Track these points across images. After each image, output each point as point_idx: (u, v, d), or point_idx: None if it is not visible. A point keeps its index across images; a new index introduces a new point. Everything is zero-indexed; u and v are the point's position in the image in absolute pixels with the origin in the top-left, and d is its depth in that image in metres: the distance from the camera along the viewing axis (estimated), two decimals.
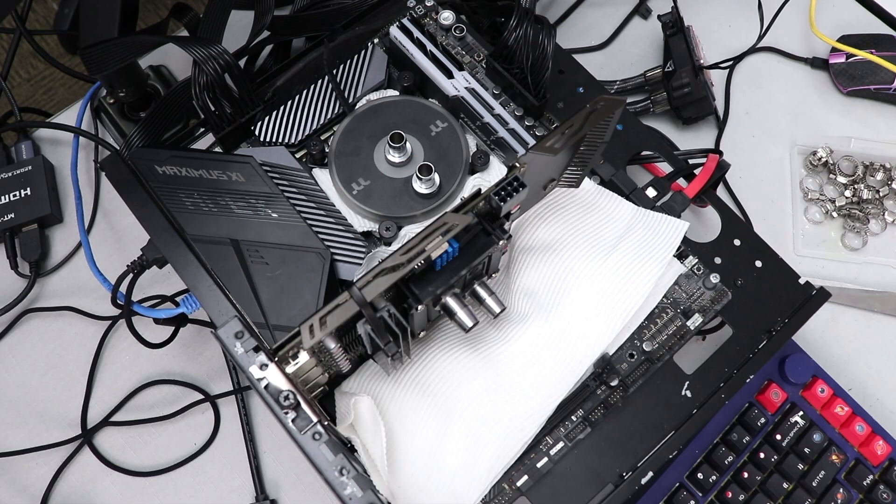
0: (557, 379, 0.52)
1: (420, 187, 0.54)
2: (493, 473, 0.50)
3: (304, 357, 0.44)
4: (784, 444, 0.60)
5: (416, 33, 0.58)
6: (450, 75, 0.57)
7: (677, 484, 0.60)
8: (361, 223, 0.55)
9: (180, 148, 0.56)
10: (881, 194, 0.74)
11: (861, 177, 0.75)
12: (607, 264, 0.54)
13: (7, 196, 0.68)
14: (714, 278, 0.56)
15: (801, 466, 0.60)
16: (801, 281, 0.57)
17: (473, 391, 0.52)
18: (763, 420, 0.61)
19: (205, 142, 0.61)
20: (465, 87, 0.57)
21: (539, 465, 0.52)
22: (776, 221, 0.73)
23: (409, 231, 0.55)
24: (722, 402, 0.53)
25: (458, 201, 0.55)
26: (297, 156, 0.56)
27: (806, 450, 0.60)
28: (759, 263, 0.58)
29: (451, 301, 0.48)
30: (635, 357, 0.54)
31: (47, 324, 0.67)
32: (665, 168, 0.62)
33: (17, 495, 0.62)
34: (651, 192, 0.59)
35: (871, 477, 0.60)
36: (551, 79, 0.58)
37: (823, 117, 0.77)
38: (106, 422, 0.64)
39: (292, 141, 0.57)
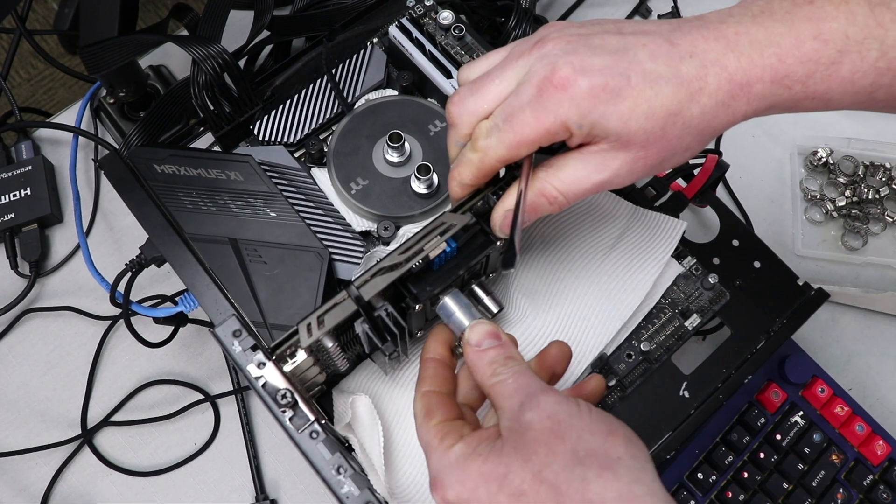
0: None
1: (418, 187, 0.54)
2: None
3: (301, 356, 0.44)
4: (784, 444, 0.60)
5: (415, 33, 0.58)
6: (449, 75, 0.57)
7: (677, 484, 0.60)
8: (360, 223, 0.55)
9: (179, 147, 0.56)
10: (881, 194, 0.74)
11: (861, 177, 0.74)
12: (605, 264, 0.55)
13: (7, 196, 0.69)
14: (712, 279, 0.56)
15: (801, 466, 0.60)
16: (800, 282, 0.57)
17: None
18: (763, 420, 0.61)
19: (204, 141, 0.61)
20: None
21: None
22: (776, 221, 0.73)
23: (408, 230, 0.55)
24: (720, 403, 0.53)
25: None
26: (296, 155, 0.56)
27: (806, 450, 0.60)
28: (757, 264, 0.57)
29: (448, 301, 0.48)
30: (633, 357, 0.54)
31: (47, 324, 0.68)
32: None
33: (17, 495, 0.62)
34: (650, 192, 0.59)
35: (871, 477, 0.60)
36: None
37: (823, 117, 0.77)
38: (106, 422, 0.64)
39: (291, 140, 0.57)
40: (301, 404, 0.43)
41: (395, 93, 0.59)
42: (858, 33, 0.38)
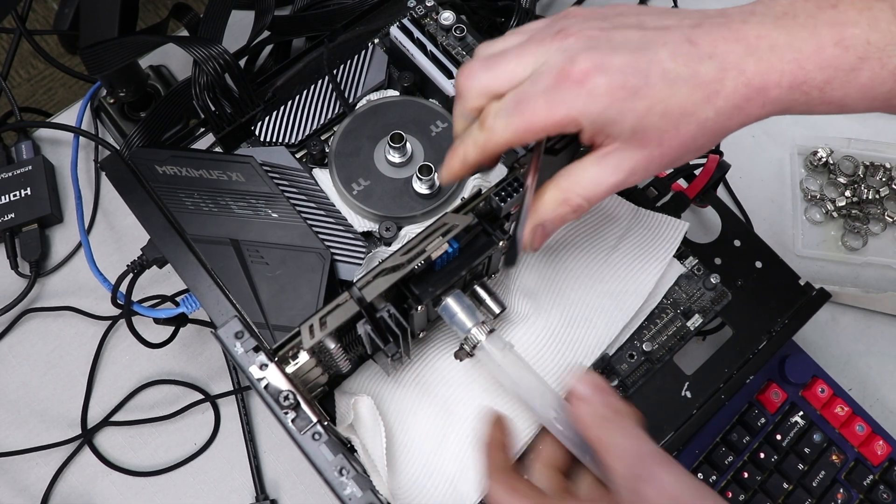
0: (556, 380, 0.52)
1: (420, 187, 0.54)
2: None
3: (303, 357, 0.44)
4: (784, 444, 0.60)
5: (417, 33, 0.58)
6: (450, 75, 0.57)
7: None
8: (361, 223, 0.55)
9: (180, 148, 0.56)
10: (881, 195, 0.74)
11: (861, 177, 0.74)
12: (607, 264, 0.55)
13: (7, 196, 0.68)
14: (714, 279, 0.56)
15: (801, 466, 0.60)
16: (801, 282, 0.57)
17: (474, 391, 0.52)
18: (763, 420, 0.61)
19: (205, 142, 0.61)
20: None
21: None
22: (776, 222, 0.73)
23: (409, 231, 0.55)
24: (722, 403, 0.53)
25: (458, 202, 0.55)
26: (298, 156, 0.56)
27: (806, 450, 0.60)
28: (759, 264, 0.58)
29: (450, 301, 0.48)
30: (635, 358, 0.54)
31: (47, 324, 0.67)
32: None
33: (17, 495, 0.62)
34: (651, 193, 0.59)
35: (871, 477, 0.60)
36: None
37: (823, 117, 0.77)
38: (106, 422, 0.64)
39: (292, 141, 0.57)
40: (303, 406, 0.43)
41: (397, 93, 0.59)
42: (881, 39, 0.37)
